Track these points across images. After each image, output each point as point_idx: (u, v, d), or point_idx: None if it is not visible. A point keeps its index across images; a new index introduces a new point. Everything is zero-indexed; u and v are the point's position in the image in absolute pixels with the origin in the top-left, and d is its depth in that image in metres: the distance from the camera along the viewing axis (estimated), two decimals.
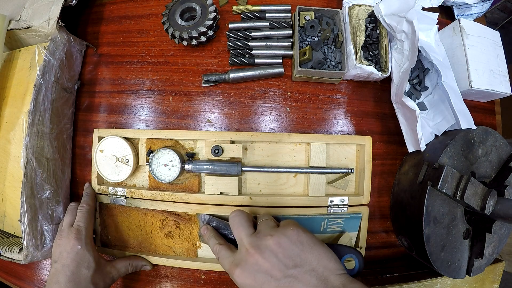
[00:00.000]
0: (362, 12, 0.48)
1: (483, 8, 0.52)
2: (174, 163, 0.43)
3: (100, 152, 0.45)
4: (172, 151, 0.43)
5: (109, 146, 0.45)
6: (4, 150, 0.47)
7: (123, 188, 0.45)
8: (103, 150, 0.45)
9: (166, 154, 0.44)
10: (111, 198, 0.46)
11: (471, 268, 0.43)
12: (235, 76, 0.47)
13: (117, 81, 0.51)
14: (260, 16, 0.50)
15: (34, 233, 0.40)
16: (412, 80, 0.49)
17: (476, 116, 0.51)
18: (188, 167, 0.43)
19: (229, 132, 0.43)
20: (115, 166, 0.45)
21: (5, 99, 0.48)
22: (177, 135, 0.44)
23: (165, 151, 0.44)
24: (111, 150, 0.45)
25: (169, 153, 0.43)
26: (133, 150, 0.45)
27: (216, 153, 0.43)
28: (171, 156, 0.43)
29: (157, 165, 0.44)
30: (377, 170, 0.50)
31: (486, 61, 0.48)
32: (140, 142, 0.46)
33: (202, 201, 0.43)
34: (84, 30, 0.54)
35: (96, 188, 0.47)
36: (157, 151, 0.44)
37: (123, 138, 0.45)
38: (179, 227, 0.45)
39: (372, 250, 0.49)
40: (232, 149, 0.43)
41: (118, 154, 0.45)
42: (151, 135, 0.45)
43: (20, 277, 0.52)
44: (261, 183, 0.45)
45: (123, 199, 0.45)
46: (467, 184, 0.38)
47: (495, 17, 1.41)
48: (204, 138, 0.44)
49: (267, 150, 0.45)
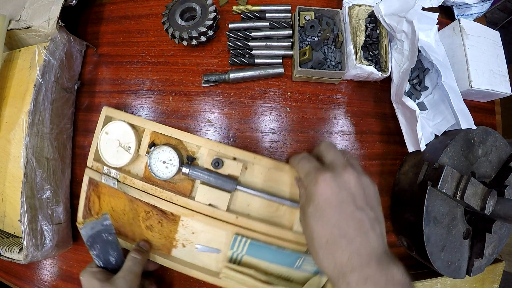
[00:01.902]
0: (362, 12, 0.48)
1: (483, 8, 0.52)
2: (173, 163, 0.43)
3: (105, 134, 0.45)
4: (174, 150, 0.43)
5: (115, 130, 0.45)
6: (4, 150, 0.47)
7: (117, 172, 0.45)
8: (108, 133, 0.45)
9: (167, 152, 0.43)
10: (103, 177, 0.45)
11: (471, 268, 0.43)
12: (235, 76, 0.47)
13: (117, 81, 0.51)
14: (260, 16, 0.50)
15: (34, 233, 0.40)
16: (412, 80, 0.49)
17: (476, 116, 0.51)
18: (185, 170, 0.43)
19: (234, 148, 0.43)
20: (116, 151, 0.45)
21: (5, 99, 0.48)
22: (183, 137, 0.44)
23: (167, 149, 0.43)
24: (116, 134, 0.45)
25: (170, 151, 0.43)
26: (137, 139, 0.45)
27: (216, 166, 0.42)
28: (172, 155, 0.43)
29: (156, 160, 0.43)
30: (377, 170, 0.50)
31: (486, 61, 0.48)
32: (145, 132, 0.45)
33: (190, 207, 0.43)
34: (84, 30, 0.54)
35: (91, 164, 0.46)
36: (159, 146, 0.43)
37: (129, 124, 0.45)
38: (161, 223, 0.45)
39: None
40: (233, 165, 0.43)
41: (121, 140, 0.45)
42: (158, 129, 0.44)
43: (20, 277, 0.52)
44: (250, 205, 0.44)
45: (114, 182, 0.45)
46: (467, 184, 0.38)
47: (495, 17, 1.41)
48: (208, 147, 0.43)
49: (266, 175, 0.44)
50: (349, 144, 0.50)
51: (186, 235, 0.45)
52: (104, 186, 0.46)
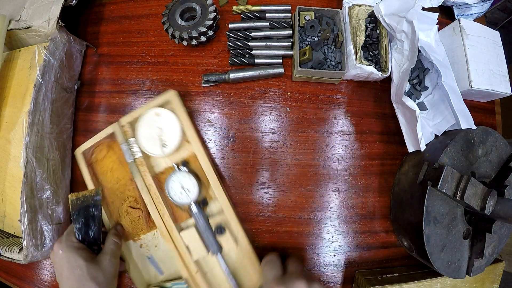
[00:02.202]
0: (362, 12, 0.48)
1: (483, 8, 0.52)
2: (190, 195, 0.42)
3: (155, 115, 0.42)
4: (197, 185, 0.41)
5: (166, 119, 0.42)
6: (4, 150, 0.47)
7: (139, 152, 0.43)
8: (160, 115, 0.42)
9: (191, 182, 0.42)
10: (124, 144, 0.43)
11: (471, 268, 0.43)
12: (235, 76, 0.47)
13: (117, 81, 0.51)
14: (260, 16, 0.50)
15: (34, 233, 0.40)
16: (412, 80, 0.49)
17: (476, 116, 0.51)
18: (193, 209, 0.42)
19: (240, 227, 0.43)
20: (151, 136, 0.42)
21: (5, 99, 0.48)
22: (212, 181, 0.43)
23: (193, 180, 0.42)
24: (164, 124, 0.42)
25: (194, 184, 0.41)
26: (177, 144, 0.42)
27: (217, 230, 0.43)
28: (193, 188, 0.41)
29: (177, 180, 0.42)
30: (377, 170, 0.50)
31: (486, 61, 0.48)
32: (187, 147, 0.44)
33: (171, 233, 0.43)
34: (84, 30, 0.54)
35: (123, 122, 0.44)
36: (189, 172, 0.42)
37: (181, 124, 0.42)
38: (140, 218, 0.45)
39: (372, 250, 0.49)
40: (228, 239, 0.43)
41: (164, 132, 0.42)
42: (200, 156, 0.43)
43: (20, 277, 0.52)
44: (213, 272, 0.45)
45: (130, 157, 0.43)
46: (467, 184, 0.38)
47: (495, 17, 1.41)
48: (223, 207, 0.43)
49: (243, 260, 0.44)
50: (349, 144, 0.50)
51: (149, 243, 0.46)
52: (118, 148, 0.45)
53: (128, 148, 0.43)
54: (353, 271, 0.49)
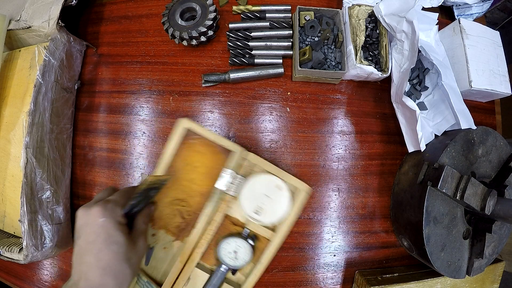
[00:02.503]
0: (362, 12, 0.48)
1: (483, 8, 0.52)
2: (235, 263, 0.40)
3: (275, 186, 0.40)
4: (248, 261, 0.40)
5: (280, 197, 0.40)
6: (4, 150, 0.47)
7: (233, 191, 0.40)
8: (280, 189, 0.40)
9: (246, 256, 0.40)
10: (227, 171, 0.40)
11: (471, 268, 0.43)
12: (235, 76, 0.47)
13: (117, 81, 0.51)
14: (260, 16, 0.50)
15: (34, 233, 0.40)
16: (412, 80, 0.49)
17: (476, 116, 0.51)
18: (222, 270, 0.42)
19: None
20: (253, 195, 0.40)
21: (5, 99, 0.48)
22: (256, 274, 0.41)
23: (249, 255, 0.40)
24: (275, 198, 0.40)
25: (246, 259, 0.40)
26: (273, 223, 0.40)
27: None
28: (243, 262, 0.40)
29: (236, 243, 0.41)
30: (377, 170, 0.50)
31: (486, 61, 0.48)
32: (274, 231, 0.42)
33: (189, 261, 0.42)
34: (84, 30, 0.54)
35: (244, 156, 0.40)
36: (251, 244, 0.41)
37: (289, 213, 0.40)
38: (179, 225, 0.44)
39: (372, 250, 0.49)
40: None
41: (266, 204, 0.40)
42: (274, 246, 0.41)
43: (20, 277, 0.52)
44: None
45: (222, 186, 0.40)
46: (467, 184, 0.38)
47: (495, 17, 1.41)
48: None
49: None
50: (349, 144, 0.50)
51: (162, 241, 0.44)
52: (219, 158, 0.42)
53: (229, 178, 0.40)
54: (353, 271, 0.49)
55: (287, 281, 0.48)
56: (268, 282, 0.47)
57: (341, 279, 0.49)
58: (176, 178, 0.43)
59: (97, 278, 0.29)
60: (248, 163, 0.41)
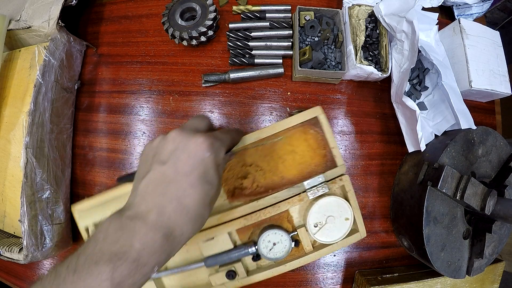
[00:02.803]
0: (362, 12, 0.48)
1: (483, 8, 0.52)
2: (268, 254, 0.41)
3: (345, 218, 0.41)
4: (284, 255, 0.41)
5: (343, 224, 0.41)
6: (4, 150, 0.47)
7: (313, 194, 0.40)
8: (347, 219, 0.41)
9: (282, 251, 0.41)
10: (320, 178, 0.40)
11: (471, 268, 0.43)
12: (235, 76, 0.47)
13: (117, 81, 0.51)
14: (260, 16, 0.50)
15: (34, 233, 0.40)
16: (412, 80, 0.49)
17: (476, 116, 0.51)
18: (249, 250, 0.41)
19: None
20: (319, 212, 0.41)
21: (5, 99, 0.48)
22: None
23: (285, 251, 0.41)
24: (338, 223, 0.41)
25: (282, 253, 0.41)
26: (324, 242, 0.41)
27: (228, 275, 0.42)
28: (277, 255, 0.41)
29: (280, 237, 0.41)
30: (377, 170, 0.50)
31: (486, 61, 0.48)
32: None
33: (221, 225, 0.41)
34: (84, 30, 0.54)
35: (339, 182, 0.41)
36: (293, 244, 0.41)
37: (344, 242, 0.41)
38: (236, 188, 0.42)
39: (372, 250, 0.49)
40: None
41: (327, 222, 0.41)
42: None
43: (20, 277, 0.52)
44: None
45: (310, 191, 0.40)
46: (467, 184, 0.38)
47: (495, 17, 1.41)
48: None
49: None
50: (349, 144, 0.50)
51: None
52: (314, 149, 0.42)
53: (318, 184, 0.40)
54: (353, 271, 0.49)
55: (287, 281, 0.48)
56: (268, 282, 0.47)
57: (341, 279, 0.49)
58: (273, 148, 0.42)
59: (177, 217, 0.25)
60: (339, 182, 0.41)
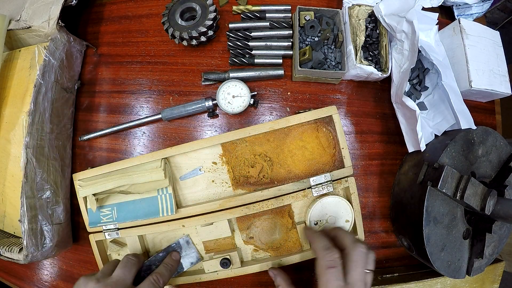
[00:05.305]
0: (362, 12, 0.48)
1: (483, 8, 0.52)
2: (240, 101, 0.44)
3: (345, 219, 0.43)
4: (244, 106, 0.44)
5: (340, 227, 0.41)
6: (4, 150, 0.47)
7: (325, 185, 0.41)
8: (348, 221, 0.43)
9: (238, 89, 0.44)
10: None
11: (471, 268, 0.43)
12: (235, 76, 0.47)
13: (117, 81, 0.51)
14: (260, 16, 0.50)
15: (34, 233, 0.40)
16: (412, 80, 0.49)
17: (476, 116, 0.51)
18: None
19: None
20: (321, 210, 0.42)
21: (5, 99, 0.48)
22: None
23: (246, 91, 0.44)
24: (335, 221, 0.43)
25: (242, 92, 0.44)
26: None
27: (223, 265, 0.43)
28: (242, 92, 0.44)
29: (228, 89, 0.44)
30: (377, 170, 0.50)
31: (486, 61, 0.48)
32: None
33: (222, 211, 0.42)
34: (84, 30, 0.54)
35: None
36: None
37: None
38: (247, 175, 0.43)
39: (372, 250, 0.49)
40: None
41: (327, 217, 0.42)
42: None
43: (20, 277, 0.52)
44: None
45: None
46: (467, 184, 0.38)
47: (495, 17, 1.41)
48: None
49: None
50: (349, 144, 0.50)
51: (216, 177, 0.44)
52: (323, 148, 0.43)
53: (323, 182, 0.42)
54: None
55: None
56: (268, 282, 0.47)
57: None
58: (284, 140, 0.43)
59: None
60: (345, 183, 0.42)
